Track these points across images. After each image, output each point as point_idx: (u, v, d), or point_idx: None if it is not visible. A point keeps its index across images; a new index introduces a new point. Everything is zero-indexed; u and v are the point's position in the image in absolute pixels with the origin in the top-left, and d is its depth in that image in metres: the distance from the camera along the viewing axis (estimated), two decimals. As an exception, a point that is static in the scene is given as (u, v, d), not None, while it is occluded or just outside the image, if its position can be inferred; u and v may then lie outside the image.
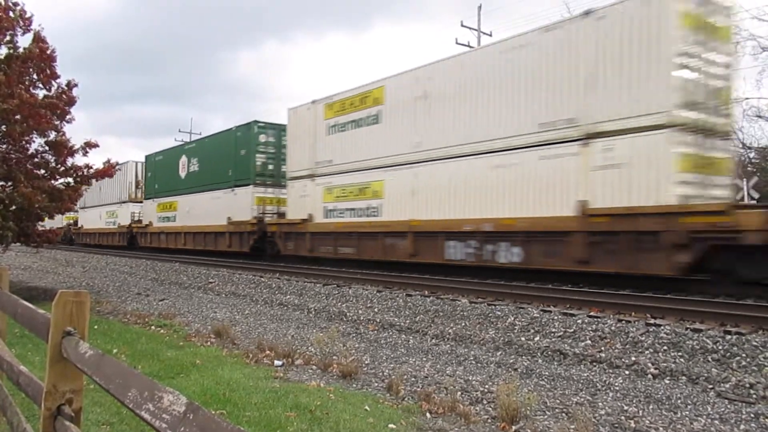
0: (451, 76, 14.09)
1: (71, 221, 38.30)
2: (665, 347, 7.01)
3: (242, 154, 21.71)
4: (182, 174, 26.35)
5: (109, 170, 14.43)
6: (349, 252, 16.67)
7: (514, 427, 4.95)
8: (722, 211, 9.30)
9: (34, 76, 12.93)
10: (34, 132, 12.77)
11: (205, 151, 24.87)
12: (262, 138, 21.47)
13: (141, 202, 31.12)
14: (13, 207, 12.33)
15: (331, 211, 17.55)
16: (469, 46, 29.69)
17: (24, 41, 12.59)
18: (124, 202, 32.49)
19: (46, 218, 14.05)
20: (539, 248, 11.85)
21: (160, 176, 28.56)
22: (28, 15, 12.59)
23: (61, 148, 13.16)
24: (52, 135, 13.21)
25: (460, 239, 13.50)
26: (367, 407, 5.34)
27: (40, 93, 13.01)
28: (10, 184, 12.49)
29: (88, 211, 36.62)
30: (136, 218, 31.41)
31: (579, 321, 8.31)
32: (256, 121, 21.71)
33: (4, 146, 12.72)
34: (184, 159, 26.41)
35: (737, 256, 9.35)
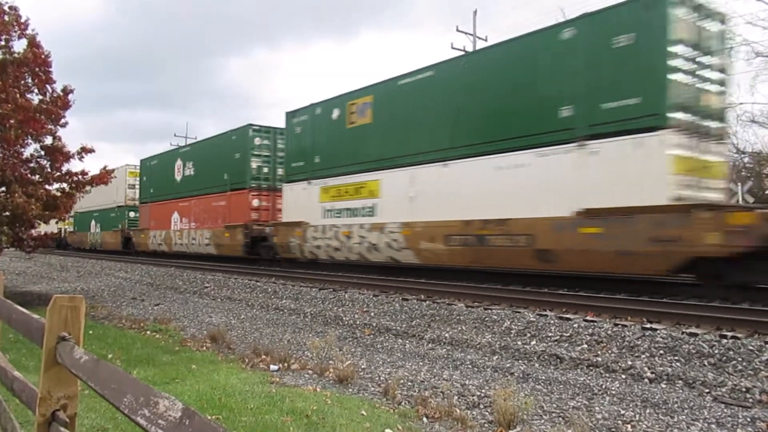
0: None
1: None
2: (661, 351, 7.01)
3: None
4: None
5: (104, 177, 14.41)
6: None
7: (510, 432, 4.94)
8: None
9: (29, 81, 12.90)
10: (29, 137, 12.74)
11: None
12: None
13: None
14: (7, 213, 12.29)
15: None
16: (464, 50, 29.77)
17: (19, 46, 12.58)
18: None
19: (41, 224, 14.01)
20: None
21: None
22: (23, 19, 12.57)
23: (57, 154, 13.14)
24: (48, 140, 13.19)
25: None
26: (363, 412, 5.32)
27: (35, 98, 12.99)
28: (3, 189, 12.45)
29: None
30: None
31: (575, 325, 8.30)
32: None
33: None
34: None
35: None
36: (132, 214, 30.30)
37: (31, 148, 13.26)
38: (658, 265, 9.73)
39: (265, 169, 20.73)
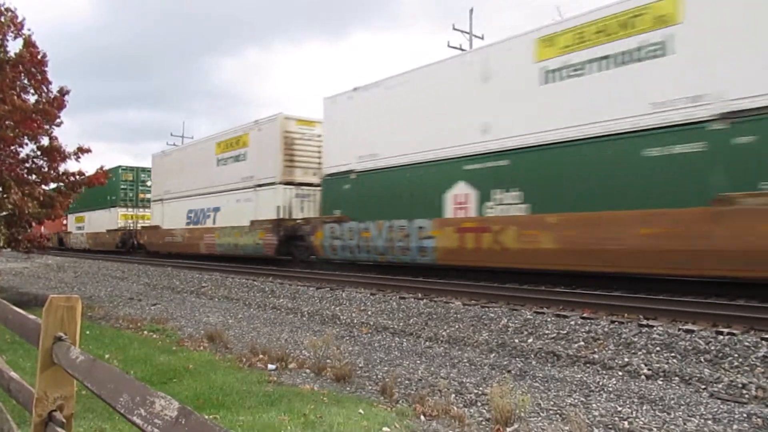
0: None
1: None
2: (658, 348, 7.04)
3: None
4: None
5: (101, 177, 14.36)
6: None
7: (508, 429, 4.95)
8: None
9: (25, 81, 12.85)
10: (26, 137, 12.70)
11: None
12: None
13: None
14: (4, 213, 12.26)
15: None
16: (461, 49, 29.79)
17: (14, 47, 12.54)
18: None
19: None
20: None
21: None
22: (19, 19, 12.52)
23: (54, 154, 13.09)
24: (45, 140, 13.15)
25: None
26: (360, 410, 5.33)
27: (31, 98, 12.94)
28: (0, 189, 12.41)
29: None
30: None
31: (572, 322, 8.33)
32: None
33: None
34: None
35: None
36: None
37: (27, 149, 13.22)
38: (113, 245, 32.27)
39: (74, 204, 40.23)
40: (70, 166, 14.89)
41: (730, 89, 8.94)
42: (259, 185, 19.28)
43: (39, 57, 12.63)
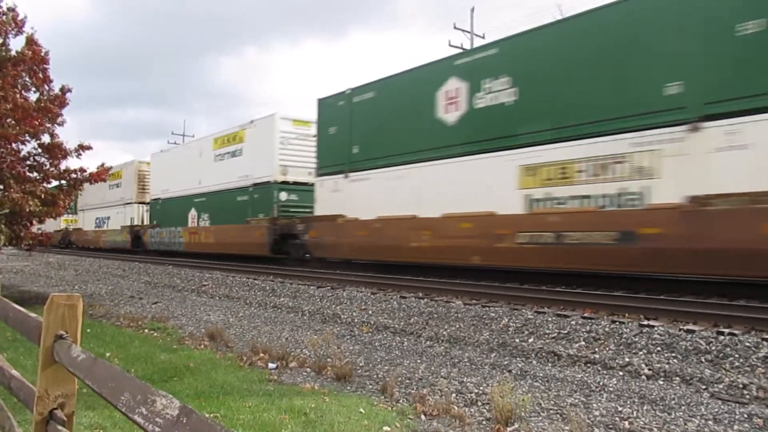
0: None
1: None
2: (659, 348, 7.03)
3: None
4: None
5: (102, 174, 14.36)
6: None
7: (508, 429, 4.95)
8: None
9: (27, 79, 12.85)
10: (27, 135, 12.70)
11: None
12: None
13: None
14: (5, 210, 12.27)
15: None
16: (462, 48, 29.77)
17: (16, 44, 12.54)
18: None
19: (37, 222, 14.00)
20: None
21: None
22: (20, 17, 12.52)
23: (56, 151, 13.09)
24: (46, 138, 13.15)
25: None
26: (361, 410, 5.33)
27: (33, 96, 12.94)
28: (1, 187, 12.41)
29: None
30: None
31: (573, 322, 8.32)
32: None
33: (-4, 149, 12.63)
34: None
35: None
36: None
37: (29, 146, 13.22)
38: (57, 242, 36.92)
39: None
40: (72, 163, 14.95)
41: (255, 173, 20.20)
42: (126, 203, 30.93)
43: (41, 55, 12.64)
